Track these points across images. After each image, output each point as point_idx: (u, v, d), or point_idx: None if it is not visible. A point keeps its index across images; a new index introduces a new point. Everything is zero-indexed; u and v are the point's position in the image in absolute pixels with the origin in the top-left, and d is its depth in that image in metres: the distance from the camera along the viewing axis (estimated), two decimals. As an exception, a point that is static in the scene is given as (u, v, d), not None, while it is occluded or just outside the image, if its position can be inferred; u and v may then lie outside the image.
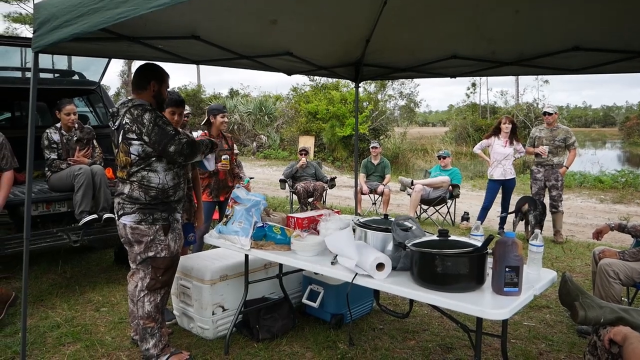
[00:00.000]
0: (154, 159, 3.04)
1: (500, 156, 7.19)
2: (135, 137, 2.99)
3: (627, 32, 3.29)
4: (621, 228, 3.96)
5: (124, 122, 3.01)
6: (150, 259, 3.12)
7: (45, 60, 6.10)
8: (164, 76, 3.24)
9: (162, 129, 2.98)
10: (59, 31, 2.54)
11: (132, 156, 3.02)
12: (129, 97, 3.17)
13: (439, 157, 8.46)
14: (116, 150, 3.13)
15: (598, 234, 4.06)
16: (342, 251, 2.76)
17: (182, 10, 3.04)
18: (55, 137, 4.99)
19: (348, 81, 5.49)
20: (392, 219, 2.94)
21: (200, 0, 2.97)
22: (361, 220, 3.02)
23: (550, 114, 6.91)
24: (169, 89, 3.34)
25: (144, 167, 3.04)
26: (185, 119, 6.55)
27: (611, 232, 4.05)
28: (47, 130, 5.00)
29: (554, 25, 3.41)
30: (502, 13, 3.37)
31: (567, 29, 3.42)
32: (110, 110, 3.18)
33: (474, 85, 29.98)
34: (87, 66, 6.35)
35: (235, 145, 5.57)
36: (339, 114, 18.71)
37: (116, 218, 3.19)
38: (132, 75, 3.22)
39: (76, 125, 5.16)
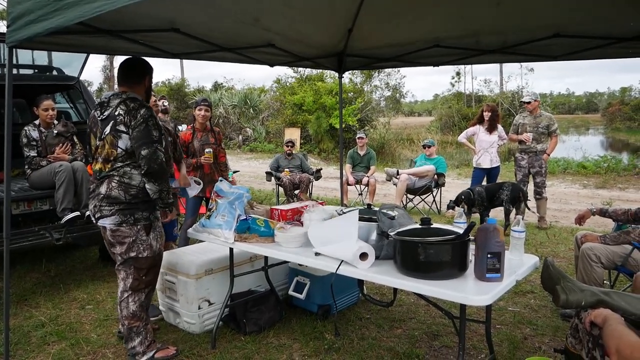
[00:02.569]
0: None
1: (486, 144, 7.25)
2: (125, 129, 2.92)
3: (606, 19, 3.31)
4: (602, 213, 4.00)
5: (116, 113, 2.93)
6: (133, 259, 3.07)
7: (25, 56, 6.01)
8: (153, 71, 3.23)
9: (148, 130, 2.91)
10: (34, 26, 2.49)
11: (119, 149, 2.94)
12: (121, 90, 3.09)
13: (424, 147, 8.49)
14: (98, 141, 3.02)
15: (580, 219, 4.10)
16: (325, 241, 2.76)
17: (161, 3, 3.00)
18: (34, 134, 4.91)
19: (334, 72, 5.47)
20: (376, 209, 2.95)
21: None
22: (345, 210, 3.02)
23: (528, 103, 6.95)
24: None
25: (129, 163, 2.97)
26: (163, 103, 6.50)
27: (593, 217, 4.10)
28: (26, 128, 4.93)
29: (535, 12, 3.41)
30: (484, 4, 3.37)
31: (548, 16, 3.44)
32: (99, 99, 3.11)
33: (458, 74, 30.04)
34: (68, 62, 6.25)
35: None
36: (327, 105, 18.66)
37: (93, 220, 3.10)
38: (121, 68, 3.13)
39: (55, 122, 5.09)
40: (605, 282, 3.98)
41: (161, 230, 3.23)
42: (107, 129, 2.95)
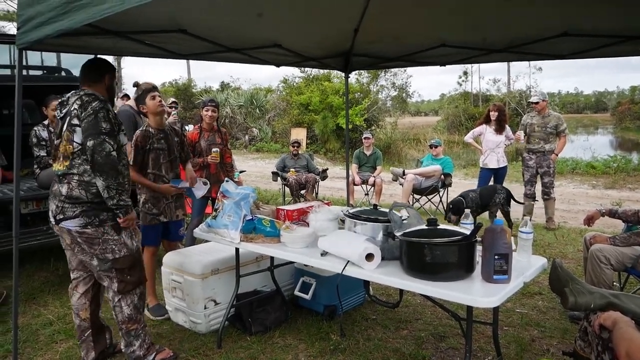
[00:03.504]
0: None
1: (493, 144, 7.21)
2: (79, 122, 2.82)
3: (615, 17, 3.28)
4: (612, 213, 3.96)
5: (72, 109, 2.86)
6: (111, 261, 2.95)
7: (34, 57, 6.06)
8: (115, 71, 3.19)
9: (97, 121, 2.79)
10: (44, 28, 2.51)
11: (74, 144, 2.85)
12: (82, 88, 3.00)
13: (431, 146, 8.46)
14: (57, 140, 2.96)
15: (589, 220, 4.07)
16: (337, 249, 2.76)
17: (168, 4, 3.01)
18: (44, 134, 4.95)
19: (340, 72, 5.47)
20: (381, 209, 2.95)
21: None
22: (350, 211, 3.01)
23: (536, 103, 6.91)
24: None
25: (87, 159, 2.83)
26: (171, 108, 6.55)
27: (602, 217, 4.06)
28: (35, 128, 4.97)
29: (543, 11, 3.39)
30: (491, 2, 3.35)
31: (556, 14, 3.41)
32: (60, 99, 3.02)
33: (465, 73, 29.97)
34: (77, 63, 6.28)
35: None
36: (335, 105, 18.66)
37: (53, 223, 2.96)
38: (82, 67, 3.09)
39: None
40: (614, 284, 3.95)
41: (134, 227, 3.10)
42: (64, 126, 2.90)
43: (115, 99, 3.23)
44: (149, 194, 3.91)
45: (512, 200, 6.40)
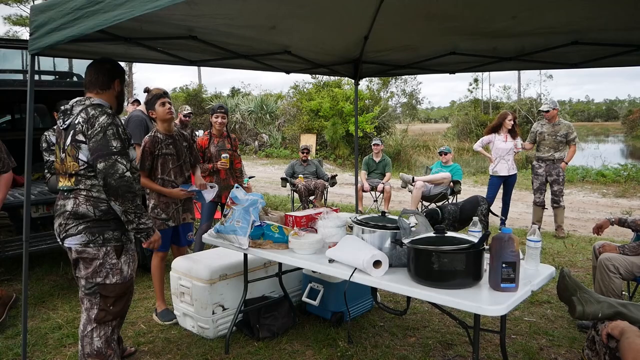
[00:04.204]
0: None
1: (503, 152, 7.18)
2: (84, 139, 2.62)
3: (626, 26, 3.28)
4: (621, 222, 3.94)
5: (76, 122, 2.64)
6: (99, 286, 2.72)
7: (46, 62, 6.13)
8: (124, 75, 2.98)
9: (106, 140, 2.59)
10: (55, 34, 2.56)
11: (80, 162, 2.64)
12: (87, 95, 2.80)
13: (440, 153, 8.44)
14: (62, 154, 2.73)
15: (598, 229, 4.05)
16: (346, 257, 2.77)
17: (178, 10, 3.03)
18: (54, 139, 4.99)
19: (351, 79, 5.48)
20: (390, 216, 2.95)
21: (194, 6, 2.96)
22: (358, 217, 3.02)
23: (546, 112, 6.89)
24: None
25: (95, 175, 2.63)
26: (187, 118, 6.60)
27: (612, 226, 4.04)
28: (46, 133, 5.03)
29: (553, 20, 3.39)
30: (502, 10, 3.36)
31: (566, 23, 3.41)
32: (62, 107, 2.81)
33: (476, 80, 29.82)
34: (88, 68, 6.38)
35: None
36: (345, 111, 18.68)
37: (59, 241, 2.79)
38: (88, 70, 2.84)
39: None
40: (623, 293, 3.92)
41: (134, 253, 2.88)
42: (68, 140, 2.67)
43: (125, 103, 3.17)
44: (158, 199, 3.94)
45: (490, 213, 6.32)
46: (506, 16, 3.46)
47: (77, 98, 2.79)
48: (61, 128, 2.75)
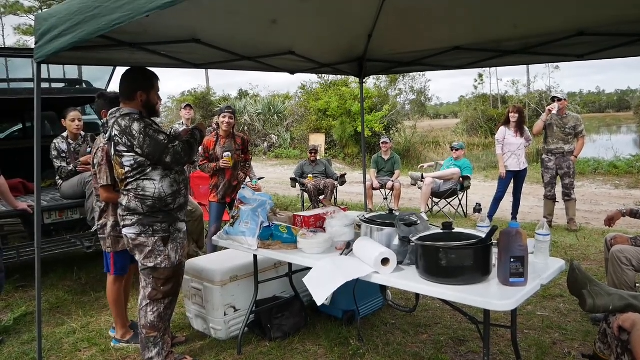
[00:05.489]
0: (149, 168, 2.98)
1: (514, 147, 7.15)
2: (126, 149, 2.94)
3: (632, 16, 3.24)
4: (633, 214, 3.90)
5: (113, 134, 2.97)
6: (150, 269, 3.09)
7: (56, 70, 6.21)
8: (152, 82, 3.13)
9: (154, 140, 2.93)
10: (57, 41, 2.58)
11: (126, 168, 2.98)
12: (119, 107, 3.07)
13: (452, 149, 8.41)
14: (113, 163, 3.10)
15: (610, 221, 4.01)
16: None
17: (181, 13, 3.05)
18: (63, 146, 5.06)
19: (356, 77, 5.48)
20: (397, 214, 2.95)
21: (196, 4, 2.98)
22: (366, 216, 3.02)
23: (560, 100, 6.83)
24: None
25: (139, 177, 2.98)
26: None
27: (624, 218, 4.00)
28: (55, 141, 5.08)
29: (558, 11, 3.37)
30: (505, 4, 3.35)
31: (571, 15, 3.38)
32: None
33: (480, 76, 29.57)
34: (97, 75, 6.46)
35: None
36: (353, 110, 18.65)
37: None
38: (120, 80, 3.11)
39: (82, 133, 5.22)
40: (637, 284, 3.88)
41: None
42: (112, 151, 3.04)
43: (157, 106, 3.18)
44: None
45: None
46: (508, 25, 3.48)
47: (111, 110, 3.08)
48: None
